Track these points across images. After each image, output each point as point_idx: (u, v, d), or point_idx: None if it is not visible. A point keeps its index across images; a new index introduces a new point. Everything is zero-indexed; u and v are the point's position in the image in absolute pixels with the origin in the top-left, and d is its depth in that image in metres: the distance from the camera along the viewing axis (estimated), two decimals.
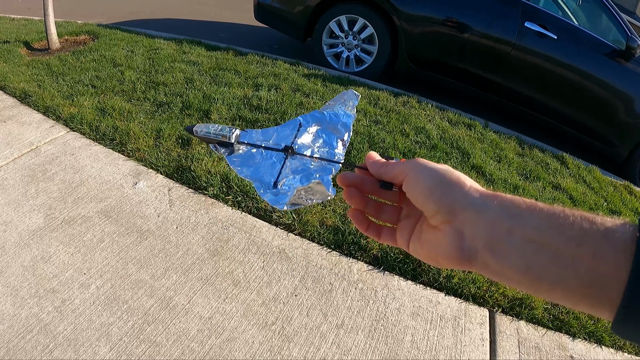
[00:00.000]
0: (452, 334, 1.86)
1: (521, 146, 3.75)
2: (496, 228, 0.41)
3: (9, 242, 2.01)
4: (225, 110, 3.21)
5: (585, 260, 0.35)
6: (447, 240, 0.44)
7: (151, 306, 1.78)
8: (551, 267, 0.37)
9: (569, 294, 0.37)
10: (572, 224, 0.37)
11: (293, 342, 1.72)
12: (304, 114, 0.72)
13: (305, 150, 0.67)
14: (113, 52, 4.25)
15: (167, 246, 2.07)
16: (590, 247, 0.35)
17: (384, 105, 3.78)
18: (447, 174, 0.46)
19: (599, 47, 4.01)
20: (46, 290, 1.81)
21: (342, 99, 0.75)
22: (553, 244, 0.37)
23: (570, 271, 0.36)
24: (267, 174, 0.65)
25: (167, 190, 2.42)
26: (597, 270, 0.35)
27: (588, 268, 0.35)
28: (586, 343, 1.97)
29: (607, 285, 0.35)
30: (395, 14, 4.32)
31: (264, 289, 1.92)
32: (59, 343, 1.62)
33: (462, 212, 0.43)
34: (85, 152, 2.67)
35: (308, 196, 0.64)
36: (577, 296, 0.37)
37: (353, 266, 2.11)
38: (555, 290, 0.38)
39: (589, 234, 0.36)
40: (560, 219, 0.38)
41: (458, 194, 0.44)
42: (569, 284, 0.36)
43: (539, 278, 0.38)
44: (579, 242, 0.36)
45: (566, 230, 0.37)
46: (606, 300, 0.35)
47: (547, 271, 0.37)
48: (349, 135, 0.70)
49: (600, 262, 0.35)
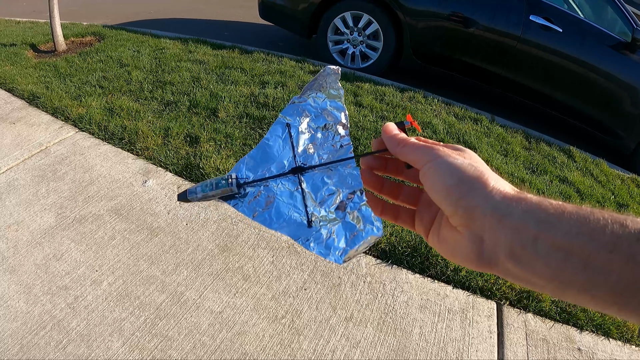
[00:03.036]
0: (460, 326, 1.87)
1: (528, 140, 3.74)
2: (520, 235, 0.37)
3: (21, 241, 2.04)
4: (233, 108, 3.23)
5: (618, 266, 0.33)
6: (466, 244, 0.41)
7: (163, 301, 1.81)
8: (580, 275, 0.35)
9: (598, 301, 0.35)
10: (603, 228, 0.34)
11: (303, 335, 1.74)
12: (284, 109, 0.61)
13: (310, 158, 0.58)
14: (119, 52, 4.28)
15: (177, 242, 2.09)
16: (624, 253, 0.33)
17: (390, 100, 3.79)
18: (469, 171, 0.42)
19: (604, 39, 3.99)
20: (59, 288, 1.83)
21: (319, 84, 0.62)
22: (584, 251, 0.34)
23: (601, 279, 0.34)
24: (292, 210, 0.56)
25: (176, 187, 2.45)
26: (630, 277, 0.33)
27: (621, 275, 0.33)
28: (593, 335, 1.98)
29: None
30: (399, 9, 4.31)
31: (274, 283, 1.94)
32: (72, 339, 1.64)
33: (482, 217, 0.40)
34: (95, 152, 2.70)
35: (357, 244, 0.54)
36: (606, 303, 0.34)
37: (361, 260, 2.12)
38: (583, 296, 0.36)
39: (622, 238, 0.33)
40: (591, 224, 0.35)
41: (478, 196, 0.40)
42: (598, 291, 0.34)
43: (566, 286, 0.36)
44: (611, 249, 0.33)
45: (598, 236, 0.34)
46: (638, 305, 0.33)
47: (576, 279, 0.35)
48: (345, 115, 0.60)
49: (634, 267, 0.32)
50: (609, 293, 0.34)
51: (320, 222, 0.55)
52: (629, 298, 0.33)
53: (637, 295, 0.33)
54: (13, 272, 1.89)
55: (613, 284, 0.33)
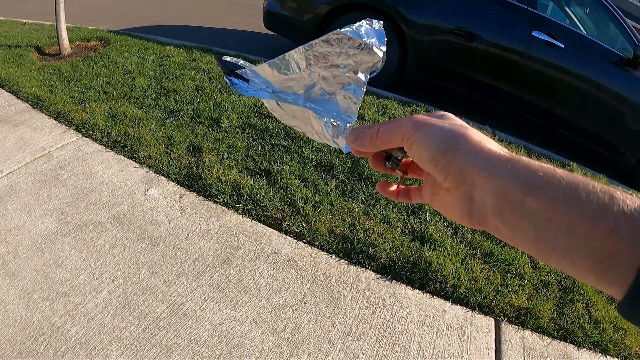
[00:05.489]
0: (458, 342, 1.88)
1: (529, 155, 3.69)
2: (507, 196, 0.38)
3: (21, 246, 2.05)
4: (236, 119, 3.24)
5: (601, 234, 0.34)
6: (458, 203, 0.43)
7: (162, 311, 1.81)
8: (563, 238, 0.36)
9: (578, 267, 0.36)
10: (590, 197, 0.35)
11: (302, 349, 1.74)
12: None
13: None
14: (124, 58, 4.30)
15: (178, 253, 2.10)
16: (608, 224, 0.34)
17: (392, 114, 3.80)
18: (453, 132, 0.43)
19: (606, 55, 4.01)
20: (58, 294, 1.84)
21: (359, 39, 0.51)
22: (567, 216, 0.35)
23: (583, 244, 0.35)
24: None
25: (178, 197, 2.45)
26: (611, 247, 0.33)
27: (602, 243, 0.34)
28: (591, 352, 1.98)
29: (620, 262, 0.33)
30: (404, 22, 4.34)
31: (274, 296, 1.95)
32: (71, 346, 1.64)
33: (471, 177, 0.41)
34: (97, 158, 2.71)
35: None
36: (586, 269, 0.35)
37: (361, 274, 2.13)
38: (565, 260, 0.36)
39: (608, 210, 0.34)
40: (580, 191, 0.35)
41: (466, 157, 0.41)
42: (579, 257, 0.35)
43: (548, 248, 0.37)
44: (596, 216, 0.34)
45: (583, 204, 0.35)
46: (616, 276, 0.34)
47: (558, 241, 0.36)
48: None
49: (617, 239, 0.33)
50: (590, 259, 0.34)
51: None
52: (609, 267, 0.34)
53: (617, 265, 0.33)
54: (13, 276, 1.89)
55: (594, 251, 0.34)
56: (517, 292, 2.13)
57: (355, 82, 0.53)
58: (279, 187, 2.56)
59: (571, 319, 2.08)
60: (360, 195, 2.59)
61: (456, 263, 2.21)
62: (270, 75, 0.61)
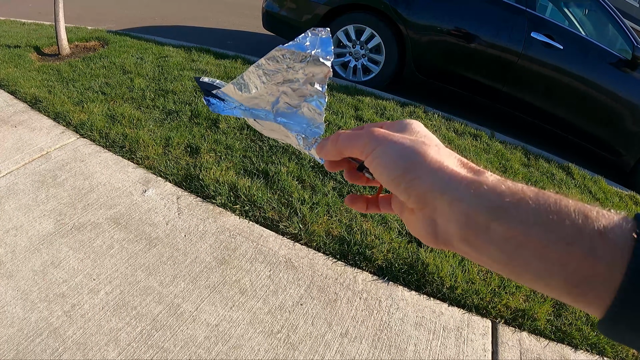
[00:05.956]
0: (454, 344, 1.88)
1: (527, 156, 3.76)
2: (471, 221, 0.36)
3: (19, 247, 2.05)
4: (233, 120, 3.24)
5: (576, 259, 0.32)
6: (421, 225, 0.41)
7: (159, 312, 1.81)
8: (535, 263, 0.34)
9: (552, 289, 0.34)
10: (563, 220, 0.33)
11: (298, 350, 1.74)
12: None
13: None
14: (123, 58, 4.30)
15: (175, 254, 2.10)
16: (584, 246, 0.32)
17: (390, 115, 3.80)
18: (412, 150, 0.40)
19: (605, 56, 4.03)
20: (56, 295, 1.84)
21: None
22: (540, 243, 0.33)
23: (557, 269, 0.33)
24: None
25: (175, 198, 2.46)
26: (589, 270, 0.32)
27: (578, 267, 0.32)
28: (588, 354, 1.98)
29: (597, 284, 0.32)
30: (402, 23, 4.35)
31: (270, 297, 1.95)
32: (68, 347, 1.65)
33: (432, 201, 0.38)
34: (95, 159, 2.71)
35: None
36: (562, 292, 0.34)
37: (358, 276, 2.13)
38: (538, 283, 0.35)
39: (583, 232, 0.32)
40: (551, 213, 0.34)
41: (426, 178, 0.39)
42: (553, 280, 0.33)
43: (520, 271, 0.35)
44: (570, 241, 0.32)
45: (556, 228, 0.33)
46: (595, 298, 0.33)
47: (530, 267, 0.34)
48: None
49: (594, 261, 0.32)
50: (565, 283, 0.33)
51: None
52: (586, 290, 0.33)
53: (594, 288, 0.32)
54: (10, 277, 1.90)
55: (569, 275, 0.33)
56: (514, 294, 2.14)
57: (315, 94, 0.53)
58: (277, 189, 2.56)
59: (568, 320, 2.08)
60: None
61: (453, 265, 2.22)
62: (237, 95, 0.61)
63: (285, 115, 0.57)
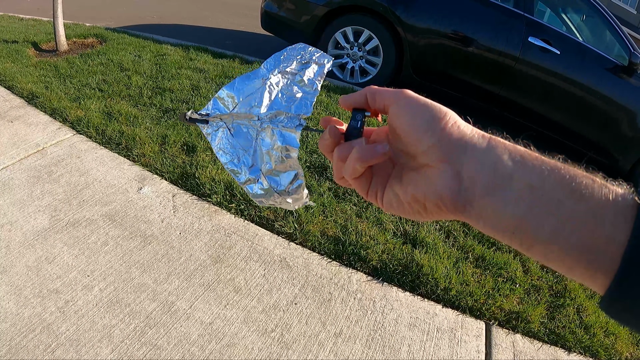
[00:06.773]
0: (448, 345, 1.88)
1: None
2: (497, 171, 0.38)
3: (13, 242, 2.04)
4: None
5: (584, 218, 0.33)
6: (442, 180, 0.40)
7: (153, 310, 1.81)
8: (549, 219, 0.35)
9: (564, 255, 0.35)
10: (574, 177, 0.35)
11: (292, 350, 1.74)
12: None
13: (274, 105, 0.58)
14: (120, 56, 4.29)
15: (170, 251, 2.10)
16: (591, 205, 0.33)
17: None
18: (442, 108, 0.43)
19: (602, 62, 4.04)
20: (50, 291, 1.83)
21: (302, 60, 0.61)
22: (555, 194, 0.35)
23: (568, 227, 0.34)
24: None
25: (171, 196, 2.45)
26: (595, 232, 0.33)
27: (587, 228, 0.33)
28: (581, 357, 1.99)
29: (603, 250, 0.33)
30: (400, 25, 4.35)
31: (265, 296, 1.95)
32: (61, 343, 1.64)
33: (462, 153, 0.40)
34: (91, 156, 2.71)
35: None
36: (572, 258, 0.34)
37: (352, 276, 2.13)
38: (551, 248, 0.35)
39: (590, 190, 0.34)
40: (563, 171, 0.36)
41: (456, 130, 0.41)
42: (566, 243, 0.34)
43: (535, 231, 0.35)
44: (580, 197, 0.34)
45: (569, 183, 0.35)
46: (600, 267, 0.33)
47: (545, 223, 0.35)
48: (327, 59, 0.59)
49: (599, 224, 0.33)
50: (576, 246, 0.34)
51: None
52: (594, 256, 0.33)
53: (601, 254, 0.33)
54: (4, 272, 1.89)
55: (579, 236, 0.34)
56: (508, 296, 2.14)
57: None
58: None
59: (562, 323, 2.09)
60: (353, 197, 2.59)
61: (448, 266, 2.22)
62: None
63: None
